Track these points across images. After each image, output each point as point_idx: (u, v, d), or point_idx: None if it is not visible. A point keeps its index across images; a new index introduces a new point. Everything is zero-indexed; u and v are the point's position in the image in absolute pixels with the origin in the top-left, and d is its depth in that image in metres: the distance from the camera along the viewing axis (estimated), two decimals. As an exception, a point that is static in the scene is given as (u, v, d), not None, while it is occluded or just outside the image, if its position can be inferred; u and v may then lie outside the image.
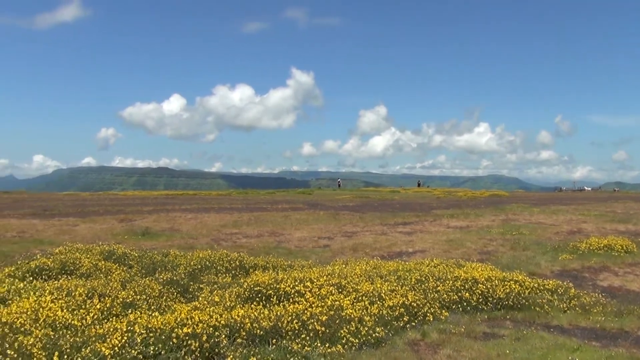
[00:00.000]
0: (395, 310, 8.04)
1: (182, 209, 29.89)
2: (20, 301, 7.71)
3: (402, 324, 7.83)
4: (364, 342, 7.04)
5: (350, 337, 6.97)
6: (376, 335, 7.21)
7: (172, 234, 18.58)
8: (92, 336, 6.43)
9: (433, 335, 7.59)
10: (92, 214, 25.70)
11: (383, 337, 7.30)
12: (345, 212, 28.34)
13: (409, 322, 7.92)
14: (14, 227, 19.45)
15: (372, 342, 7.10)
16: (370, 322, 7.44)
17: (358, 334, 7.08)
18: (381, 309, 7.97)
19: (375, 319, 7.62)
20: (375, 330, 7.27)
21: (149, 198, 47.95)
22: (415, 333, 7.68)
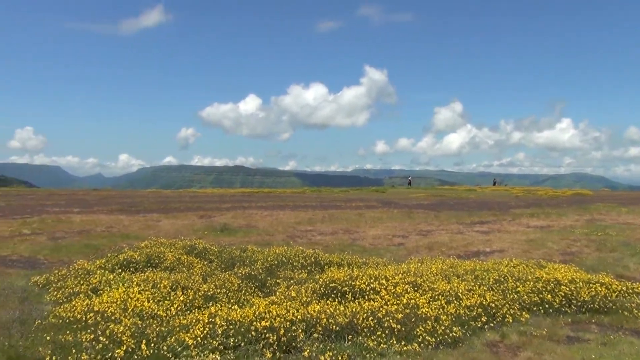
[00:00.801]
0: (473, 310, 7.88)
1: (258, 206, 30.55)
2: (111, 291, 8.20)
3: (479, 325, 7.66)
4: (441, 342, 6.95)
5: (427, 335, 6.91)
6: (453, 335, 7.10)
7: (249, 231, 19.04)
8: (176, 326, 6.74)
9: (513, 337, 7.38)
10: (173, 211, 26.76)
11: (460, 337, 7.18)
12: (419, 211, 27.98)
13: (487, 323, 7.74)
14: (103, 222, 20.58)
15: (448, 342, 7.00)
16: (447, 321, 7.34)
17: (434, 333, 7.01)
18: (458, 308, 7.83)
19: (452, 318, 7.51)
20: (452, 329, 7.17)
21: (227, 195, 49.34)
22: (494, 334, 7.50)
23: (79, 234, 17.27)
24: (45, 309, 8.09)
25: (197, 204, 31.63)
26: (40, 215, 22.78)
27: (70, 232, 17.63)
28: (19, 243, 14.94)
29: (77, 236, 16.71)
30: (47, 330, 6.81)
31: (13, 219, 20.83)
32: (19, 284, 9.88)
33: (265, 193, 57.53)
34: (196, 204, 31.65)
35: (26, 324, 7.24)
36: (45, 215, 22.80)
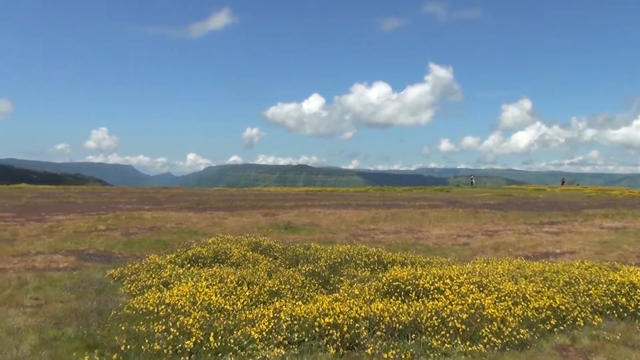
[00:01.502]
0: (542, 313, 7.65)
1: (321, 205, 30.78)
2: (180, 285, 8.51)
3: (548, 327, 7.43)
4: (507, 343, 6.79)
5: (493, 337, 6.77)
6: (520, 337, 6.92)
7: (313, 229, 19.22)
8: (242, 320, 6.92)
9: (584, 341, 7.12)
10: (239, 208, 27.40)
11: (528, 340, 6.99)
12: (485, 210, 27.37)
13: (556, 326, 7.49)
14: (173, 219, 21.34)
15: (515, 344, 6.83)
16: (514, 323, 7.16)
17: (501, 334, 6.86)
18: (526, 310, 7.63)
19: (519, 320, 7.32)
20: (519, 331, 6.99)
21: (290, 194, 49.97)
22: (563, 337, 7.26)
23: (150, 230, 17.97)
24: (120, 301, 8.50)
25: (262, 202, 32.22)
26: (115, 212, 23.89)
27: (142, 228, 18.38)
28: (95, 238, 15.72)
29: (149, 232, 17.40)
30: (122, 321, 7.16)
31: (90, 216, 21.94)
32: (96, 276, 10.42)
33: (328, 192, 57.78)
34: (261, 202, 32.25)
35: (103, 314, 7.63)
36: (119, 212, 23.90)
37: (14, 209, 25.44)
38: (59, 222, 19.52)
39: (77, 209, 25.38)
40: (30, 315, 7.81)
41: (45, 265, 11.59)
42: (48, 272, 10.88)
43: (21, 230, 17.12)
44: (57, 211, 24.17)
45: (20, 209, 25.49)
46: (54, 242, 14.80)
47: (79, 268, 11.42)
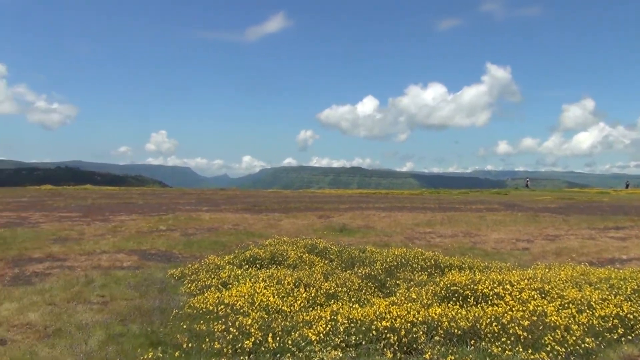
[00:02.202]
0: (608, 321, 7.35)
1: (375, 207, 30.67)
2: (239, 286, 8.66)
3: (615, 337, 7.14)
4: (572, 352, 6.56)
5: (556, 345, 6.55)
6: (585, 346, 6.67)
7: (367, 231, 19.17)
8: (300, 322, 6.98)
9: (654, 352, 6.81)
10: (294, 210, 27.64)
11: (593, 349, 6.73)
12: (545, 214, 26.57)
13: (624, 335, 7.18)
14: (230, 220, 21.75)
15: (580, 353, 6.59)
16: (579, 331, 6.91)
17: (564, 342, 6.63)
18: (591, 318, 7.34)
19: (584, 328, 7.06)
20: (584, 340, 6.74)
21: (344, 196, 50.00)
22: (632, 348, 6.95)
23: (209, 230, 18.38)
24: (181, 300, 8.73)
25: (316, 205, 32.39)
26: (174, 212, 24.58)
27: (200, 229, 18.82)
28: (156, 238, 16.21)
29: (207, 233, 17.80)
30: (183, 320, 7.36)
31: (151, 216, 22.66)
32: (158, 275, 10.74)
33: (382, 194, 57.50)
34: (315, 205, 32.42)
35: (165, 313, 7.86)
36: (178, 212, 24.58)
37: (81, 209, 26.58)
38: (122, 222, 20.25)
39: (139, 210, 26.26)
40: (97, 312, 8.14)
41: (110, 264, 12.04)
42: (113, 270, 11.30)
43: (87, 230, 17.85)
44: (120, 212, 25.09)
45: (85, 209, 26.60)
46: (118, 241, 15.36)
47: (142, 267, 11.81)
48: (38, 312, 8.04)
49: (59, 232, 16.87)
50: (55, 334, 7.06)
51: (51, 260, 12.25)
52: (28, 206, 27.74)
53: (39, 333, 7.11)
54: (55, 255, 12.86)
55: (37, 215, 22.55)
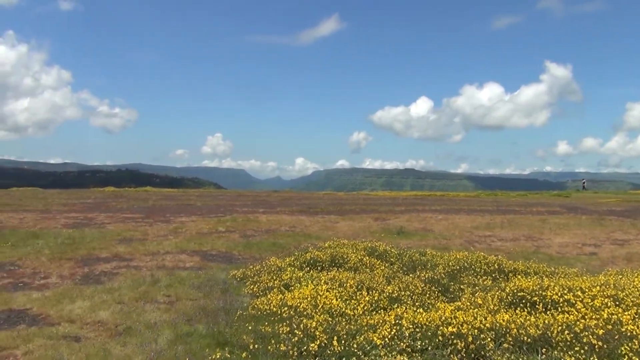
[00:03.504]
0: (690, 332, 6.95)
1: (432, 210, 30.24)
2: (301, 288, 8.70)
3: (698, 348, 6.74)
4: (651, 364, 6.24)
5: (634, 355, 6.24)
6: (666, 358, 6.34)
7: (425, 234, 18.91)
8: (364, 325, 6.92)
9: None
10: (349, 212, 27.60)
11: (674, 361, 6.38)
12: (612, 218, 25.48)
13: None
14: (286, 222, 21.92)
15: (660, 365, 6.26)
16: (658, 342, 6.56)
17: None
18: (671, 328, 6.97)
19: (663, 339, 6.70)
20: (664, 351, 6.40)
21: (399, 198, 49.55)
22: None
23: (266, 232, 18.59)
24: (244, 301, 8.84)
25: (371, 207, 32.23)
26: (232, 214, 24.99)
27: (258, 230, 19.06)
28: (216, 239, 16.51)
29: (265, 234, 18.00)
30: (248, 321, 7.44)
31: (210, 218, 23.12)
32: (220, 276, 10.93)
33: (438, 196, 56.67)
34: (370, 207, 32.27)
35: (230, 314, 7.98)
36: (235, 214, 24.97)
37: (142, 210, 27.40)
38: (183, 223, 20.75)
39: (198, 212, 26.84)
40: (164, 312, 8.34)
41: (173, 264, 12.34)
42: (176, 270, 11.57)
43: (150, 230, 18.38)
44: (180, 213, 25.72)
45: (147, 210, 27.40)
46: (180, 242, 15.74)
47: (204, 268, 12.04)
48: (108, 310, 8.32)
49: (123, 233, 17.45)
50: (126, 332, 7.28)
51: (118, 260, 12.66)
52: (93, 207, 28.82)
53: (110, 331, 7.35)
54: (122, 255, 13.29)
55: (102, 216, 23.39)
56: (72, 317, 7.92)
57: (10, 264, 12.01)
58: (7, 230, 17.32)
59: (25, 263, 12.12)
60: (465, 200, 46.93)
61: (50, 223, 19.99)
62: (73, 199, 37.12)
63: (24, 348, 6.59)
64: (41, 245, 14.47)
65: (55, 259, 12.63)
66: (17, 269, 11.53)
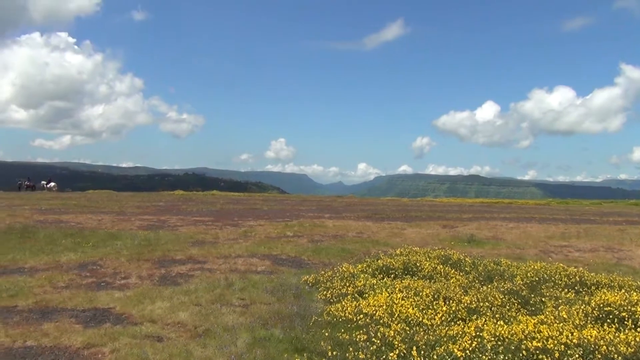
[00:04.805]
0: None
1: (501, 218, 29.43)
2: (375, 296, 8.61)
3: None
4: None
5: None
6: None
7: (497, 243, 18.37)
8: (443, 336, 6.77)
9: None
10: (415, 219, 27.25)
11: None
12: (699, 229, 23.95)
13: None
14: (353, 228, 21.88)
15: None
16: None
17: None
18: None
19: None
20: None
21: (465, 205, 48.56)
22: None
23: (334, 238, 18.60)
24: (318, 307, 8.85)
25: (438, 214, 31.73)
26: (298, 219, 25.20)
27: (325, 235, 19.10)
28: (285, 244, 16.66)
29: (333, 240, 18.01)
30: (323, 327, 7.44)
31: (277, 222, 23.39)
32: (292, 281, 10.99)
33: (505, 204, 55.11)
34: (437, 214, 31.78)
35: (305, 319, 7.99)
36: (302, 219, 25.16)
37: (211, 213, 28.07)
38: (251, 227, 21.08)
39: (265, 216, 27.22)
40: (240, 315, 8.45)
41: (245, 267, 12.52)
42: (249, 274, 11.73)
43: (220, 234, 18.78)
44: (247, 217, 26.17)
45: (216, 214, 28.05)
46: (250, 246, 15.98)
47: (275, 272, 12.15)
48: (187, 311, 8.52)
49: (195, 236, 17.91)
50: (205, 334, 7.43)
51: (192, 262, 12.99)
52: (165, 210, 29.78)
53: (190, 332, 7.52)
54: (195, 258, 13.62)
55: (174, 219, 24.11)
56: (154, 317, 8.16)
57: (93, 263, 12.55)
58: (88, 231, 18.13)
59: (106, 263, 12.62)
60: (535, 208, 45.42)
61: (126, 225, 20.79)
62: (145, 201, 38.51)
63: (111, 346, 6.84)
64: (119, 246, 15.06)
65: (133, 259, 13.10)
66: (99, 268, 12.03)
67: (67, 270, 11.73)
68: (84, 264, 12.50)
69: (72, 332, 7.43)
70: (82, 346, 6.85)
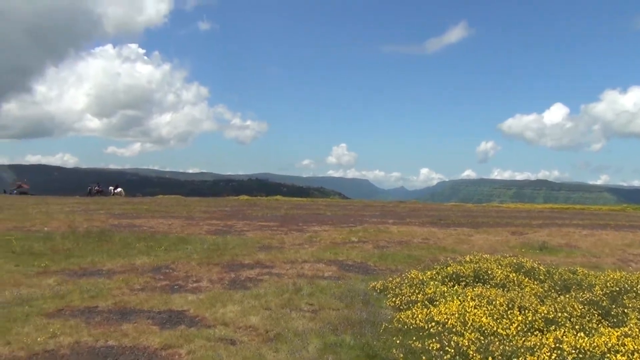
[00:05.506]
0: None
1: (573, 224, 28.30)
2: (446, 303, 8.44)
3: None
4: None
5: None
6: None
7: (571, 250, 17.65)
8: (519, 347, 6.54)
9: None
10: (482, 225, 26.60)
11: None
12: None
13: None
14: (418, 233, 21.60)
15: None
16: None
17: None
18: None
19: None
20: None
21: (533, 211, 47.01)
22: None
23: (399, 244, 18.41)
24: (387, 313, 8.77)
25: (505, 220, 30.87)
26: (362, 224, 25.13)
27: (390, 241, 18.94)
28: (350, 249, 16.64)
29: (398, 246, 17.84)
30: (394, 334, 7.36)
31: (341, 228, 23.41)
32: (359, 287, 10.94)
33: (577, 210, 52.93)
34: (504, 220, 30.92)
35: (375, 326, 7.94)
36: (366, 224, 25.08)
37: (276, 218, 28.43)
38: (316, 232, 21.20)
39: (329, 221, 27.30)
40: (310, 320, 8.48)
41: (313, 273, 12.59)
42: (316, 279, 11.78)
43: (286, 239, 18.98)
44: (312, 222, 26.32)
45: (281, 219, 28.38)
46: (315, 251, 16.06)
47: (342, 278, 12.14)
48: (258, 315, 8.64)
49: (262, 241, 18.18)
50: (277, 338, 7.50)
51: (260, 267, 13.18)
52: (231, 215, 30.41)
53: (262, 336, 7.62)
54: (263, 262, 13.82)
55: (241, 223, 24.58)
56: (226, 321, 8.32)
57: (165, 267, 12.96)
58: (159, 235, 18.76)
59: (178, 266, 13.00)
60: (609, 214, 43.43)
61: (195, 229, 21.37)
62: (212, 206, 39.47)
63: (187, 348, 7.02)
64: (190, 250, 15.49)
65: (203, 263, 13.43)
66: (172, 272, 12.40)
67: (142, 273, 12.17)
68: (157, 267, 12.92)
69: (150, 333, 7.69)
70: (160, 347, 7.07)
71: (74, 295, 9.86)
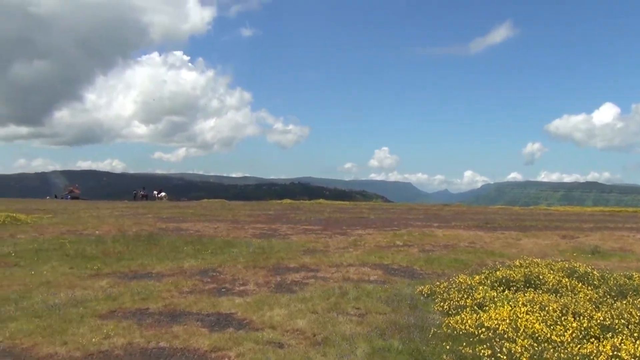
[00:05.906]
0: None
1: (627, 228, 27.30)
2: (496, 309, 8.25)
3: None
4: None
5: None
6: None
7: (625, 255, 17.01)
8: (575, 354, 6.33)
9: None
10: (530, 229, 25.95)
11: None
12: None
13: None
14: (464, 237, 21.24)
15: None
16: None
17: None
18: None
19: None
20: None
21: (584, 214, 45.61)
22: None
23: (445, 247, 18.16)
24: (435, 318, 8.65)
25: (555, 223, 30.05)
26: (407, 228, 24.89)
27: (436, 245, 18.70)
28: (395, 253, 16.51)
29: (444, 250, 17.59)
30: (443, 339, 7.25)
31: (385, 231, 23.25)
32: (406, 291, 10.82)
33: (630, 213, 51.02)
34: (553, 223, 30.11)
35: (423, 331, 7.84)
36: (410, 228, 24.83)
37: (320, 222, 28.46)
38: (360, 236, 21.12)
39: (372, 225, 27.16)
40: (357, 324, 8.44)
41: (358, 276, 12.54)
42: (362, 283, 11.73)
43: (330, 242, 18.98)
44: (355, 226, 26.24)
45: (324, 222, 28.40)
46: (360, 255, 16.00)
47: (388, 282, 12.05)
48: (304, 319, 8.66)
49: (306, 244, 18.23)
50: (324, 342, 7.49)
51: (305, 271, 13.21)
52: (275, 219, 30.62)
53: (309, 340, 7.62)
54: (308, 266, 13.85)
55: (285, 227, 24.71)
56: (273, 324, 8.37)
57: (212, 270, 13.14)
58: (206, 239, 19.06)
59: (225, 270, 13.17)
60: (665, 217, 41.66)
61: (240, 233, 21.62)
62: (256, 210, 39.87)
63: (236, 350, 7.09)
64: (236, 254, 15.68)
65: (249, 266, 13.57)
66: (219, 275, 12.57)
67: (190, 276, 12.38)
68: (204, 270, 13.12)
69: (199, 335, 7.81)
70: (210, 349, 7.17)
71: (126, 297, 10.12)
